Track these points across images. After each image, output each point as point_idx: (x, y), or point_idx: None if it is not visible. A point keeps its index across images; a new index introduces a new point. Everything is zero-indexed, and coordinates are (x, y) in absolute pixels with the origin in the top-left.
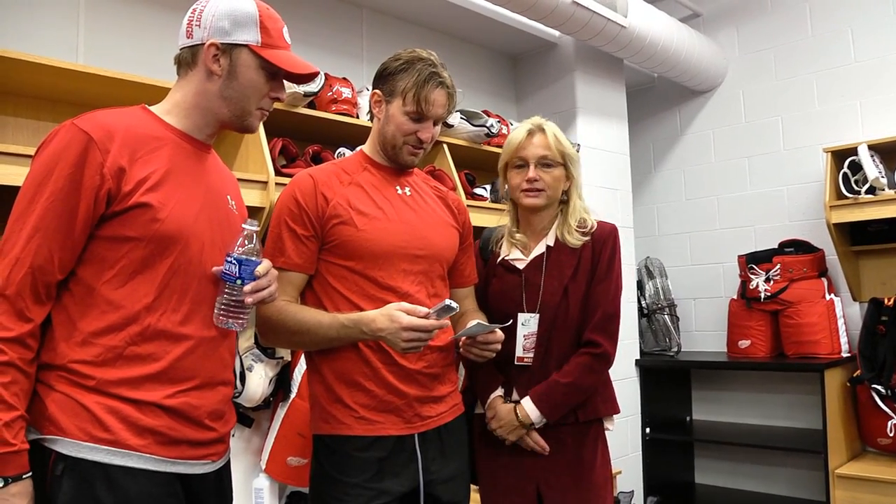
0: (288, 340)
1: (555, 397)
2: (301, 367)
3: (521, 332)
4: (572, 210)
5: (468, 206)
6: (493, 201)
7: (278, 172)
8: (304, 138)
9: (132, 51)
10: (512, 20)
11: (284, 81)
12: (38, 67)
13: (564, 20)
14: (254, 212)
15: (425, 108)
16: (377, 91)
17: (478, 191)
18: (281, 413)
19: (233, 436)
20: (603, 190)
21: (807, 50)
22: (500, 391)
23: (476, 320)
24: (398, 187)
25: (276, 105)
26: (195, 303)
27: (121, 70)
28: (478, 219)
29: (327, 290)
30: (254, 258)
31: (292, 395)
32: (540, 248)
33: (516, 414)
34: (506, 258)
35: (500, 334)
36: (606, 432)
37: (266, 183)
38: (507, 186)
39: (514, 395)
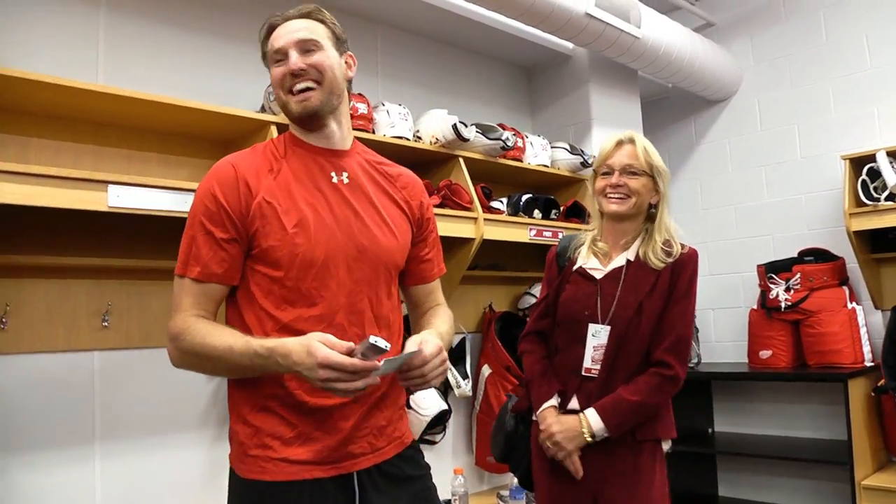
0: (197, 365)
1: (621, 413)
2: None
3: (590, 342)
4: (658, 227)
5: (485, 219)
6: (510, 214)
7: None
8: None
9: (152, 70)
10: (526, 33)
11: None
12: (59, 88)
13: (578, 32)
14: None
15: (275, 43)
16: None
17: (494, 204)
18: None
19: None
20: None
21: (822, 57)
22: (555, 400)
23: (386, 359)
24: (334, 174)
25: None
26: None
27: (140, 89)
28: (494, 232)
29: (252, 304)
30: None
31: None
32: (620, 261)
33: (580, 423)
34: (583, 266)
35: (425, 354)
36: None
37: None
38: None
39: (573, 404)
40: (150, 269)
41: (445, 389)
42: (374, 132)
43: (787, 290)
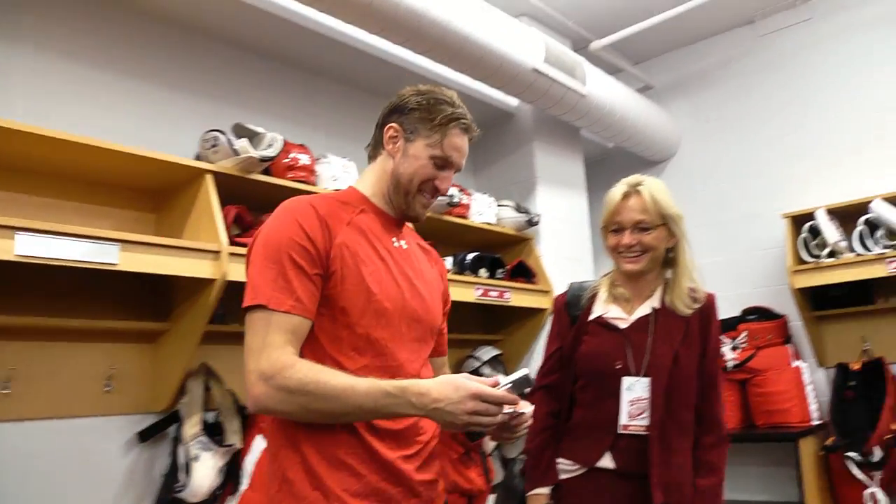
0: (301, 406)
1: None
2: (253, 455)
3: (625, 396)
4: (681, 272)
5: None
6: (455, 273)
7: (232, 242)
8: (259, 206)
9: (76, 112)
10: (470, 89)
11: (243, 144)
12: None
13: (525, 88)
14: (205, 283)
15: (452, 154)
16: (394, 125)
17: None
18: None
19: None
20: (565, 260)
21: (758, 118)
22: (548, 490)
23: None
24: (394, 239)
25: (229, 171)
26: None
27: (62, 130)
28: None
29: (315, 351)
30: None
31: (242, 487)
32: (645, 309)
33: None
34: (603, 315)
35: (528, 417)
36: None
37: (218, 253)
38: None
39: (606, 462)
40: (61, 330)
41: None
42: (315, 184)
43: (734, 348)
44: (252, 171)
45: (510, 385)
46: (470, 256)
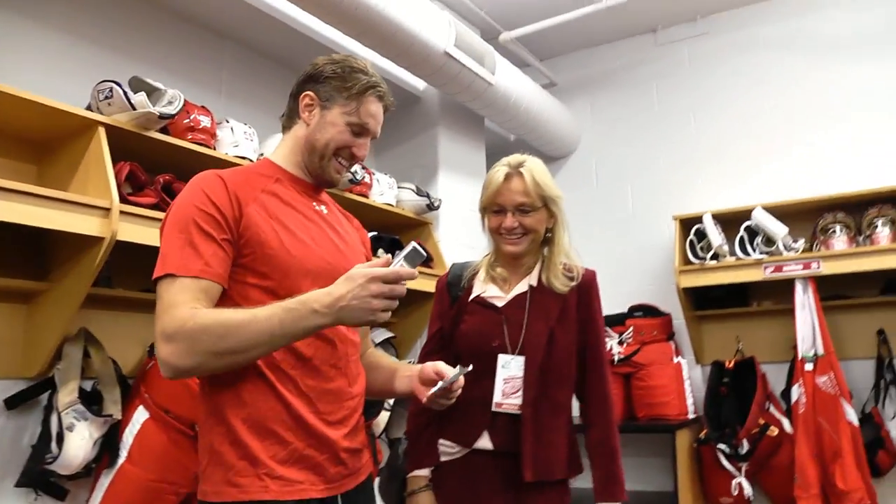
0: (212, 351)
1: (617, 476)
2: (134, 427)
3: (500, 374)
4: (557, 251)
5: None
6: None
7: (123, 200)
8: (154, 167)
9: None
10: (378, 68)
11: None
12: None
13: (434, 70)
14: (91, 241)
15: (369, 121)
16: (309, 93)
17: None
18: (105, 482)
19: None
20: (462, 247)
21: (654, 123)
22: (427, 472)
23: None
24: (315, 203)
25: (124, 125)
26: None
27: None
28: None
29: None
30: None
31: (120, 460)
32: (522, 287)
33: None
34: (482, 294)
35: (462, 380)
36: None
37: (108, 210)
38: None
39: (484, 443)
40: None
41: None
42: (215, 149)
43: (621, 343)
44: (149, 129)
45: (402, 261)
46: (369, 236)
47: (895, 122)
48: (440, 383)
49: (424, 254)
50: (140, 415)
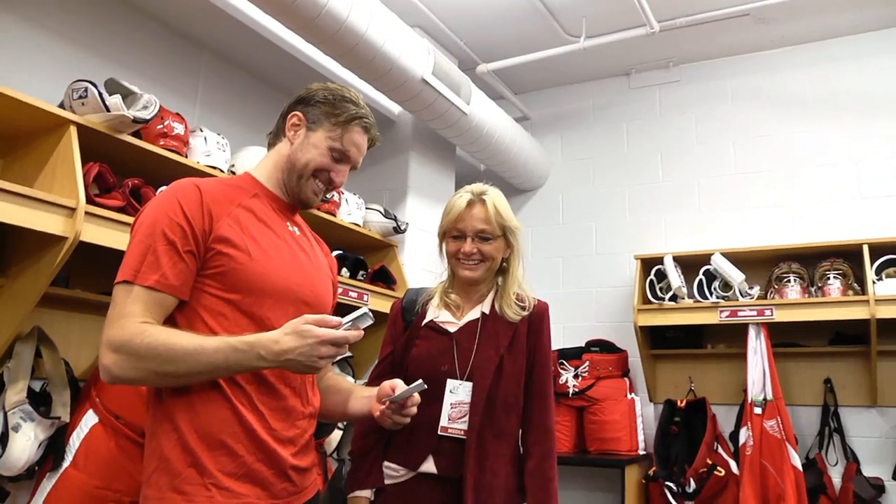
0: (151, 371)
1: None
2: (81, 431)
3: (448, 399)
4: (511, 280)
5: None
6: None
7: (90, 201)
8: (123, 170)
9: None
10: (357, 90)
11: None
12: None
13: (411, 96)
14: (54, 240)
15: (351, 149)
16: (298, 113)
17: None
18: (47, 486)
19: None
20: (425, 272)
21: (622, 164)
22: (369, 493)
23: (398, 382)
24: (288, 224)
25: (97, 126)
26: None
27: None
28: None
29: (196, 326)
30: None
31: (65, 464)
32: (475, 314)
33: None
34: (434, 319)
35: (417, 397)
36: None
37: (74, 210)
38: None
39: (428, 466)
40: None
41: None
42: (186, 156)
43: (576, 376)
44: (122, 132)
45: (350, 323)
46: (333, 255)
47: (852, 180)
48: (392, 396)
49: (373, 319)
50: (89, 419)
